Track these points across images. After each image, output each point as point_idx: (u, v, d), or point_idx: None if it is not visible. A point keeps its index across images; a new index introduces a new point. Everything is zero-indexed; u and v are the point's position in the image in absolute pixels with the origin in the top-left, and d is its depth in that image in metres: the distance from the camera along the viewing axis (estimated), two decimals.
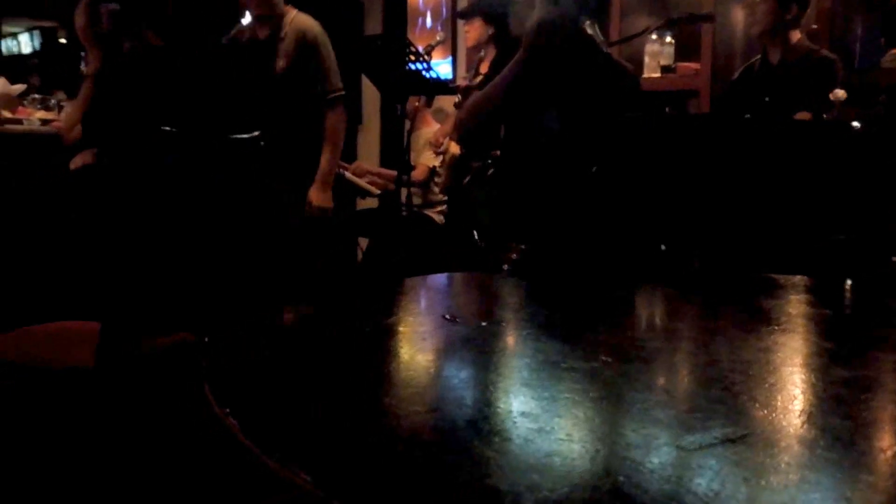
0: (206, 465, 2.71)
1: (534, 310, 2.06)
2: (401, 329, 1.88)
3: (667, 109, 4.56)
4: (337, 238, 5.40)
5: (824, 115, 3.85)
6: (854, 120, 3.58)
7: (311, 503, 0.99)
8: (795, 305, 2.27)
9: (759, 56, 4.25)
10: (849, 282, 2.58)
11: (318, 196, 4.71)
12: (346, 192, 5.39)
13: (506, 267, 3.16)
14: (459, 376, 1.52)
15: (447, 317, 1.92)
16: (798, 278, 2.43)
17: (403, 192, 4.87)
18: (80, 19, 3.37)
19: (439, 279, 2.64)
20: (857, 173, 3.45)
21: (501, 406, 1.33)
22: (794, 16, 4.04)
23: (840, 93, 3.61)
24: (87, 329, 3.10)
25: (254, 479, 1.05)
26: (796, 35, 4.05)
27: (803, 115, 3.83)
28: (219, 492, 2.62)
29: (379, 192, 5.54)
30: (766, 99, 4.06)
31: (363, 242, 5.74)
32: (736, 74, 4.46)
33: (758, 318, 2.02)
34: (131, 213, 3.05)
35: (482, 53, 5.31)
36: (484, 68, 5.15)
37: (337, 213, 5.10)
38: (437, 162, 5.47)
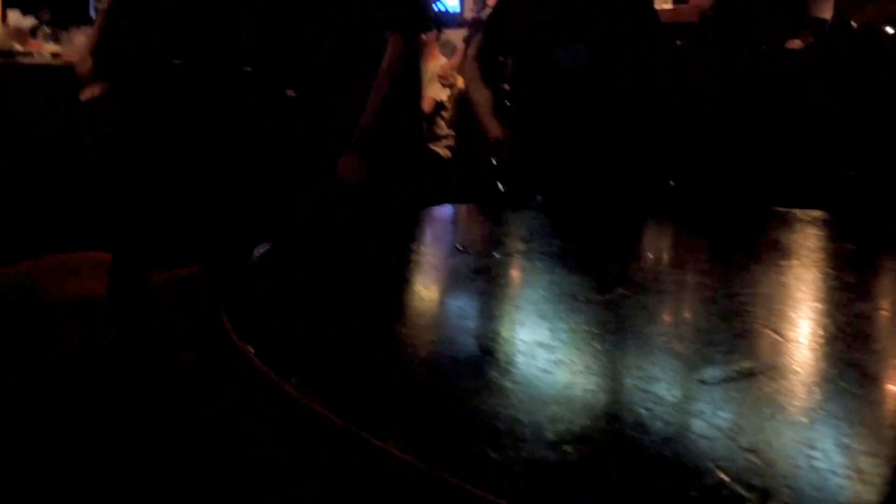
0: (222, 393, 2.72)
1: (548, 242, 2.03)
2: (417, 260, 1.86)
3: (678, 42, 4.45)
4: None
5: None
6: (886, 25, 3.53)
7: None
8: (814, 239, 2.23)
9: None
10: (869, 215, 2.54)
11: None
12: None
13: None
14: (475, 308, 1.50)
15: (460, 247, 1.90)
16: (816, 212, 2.39)
17: None
18: None
19: (451, 210, 2.62)
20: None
21: (518, 338, 1.31)
22: None
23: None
24: (99, 259, 3.10)
25: (271, 406, 1.05)
26: None
27: (794, 44, 3.77)
28: (234, 420, 2.63)
29: None
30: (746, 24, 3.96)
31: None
32: (706, 6, 4.34)
33: (776, 252, 1.99)
34: (140, 145, 3.03)
35: None
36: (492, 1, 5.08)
37: None
38: (444, 96, 5.40)
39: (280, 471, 1.33)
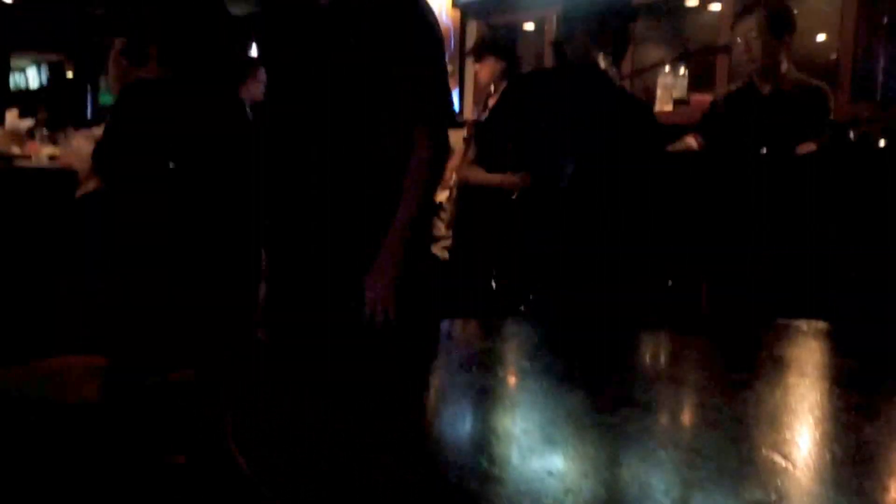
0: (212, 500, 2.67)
1: (552, 358, 2.00)
2: (422, 378, 1.83)
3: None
4: None
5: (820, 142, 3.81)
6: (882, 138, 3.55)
7: None
8: (818, 354, 2.22)
9: (740, 84, 4.19)
10: (870, 326, 2.51)
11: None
12: None
13: (522, 308, 3.10)
14: (484, 431, 1.47)
15: (465, 365, 1.87)
16: (818, 324, 2.37)
17: None
18: (113, 69, 3.35)
19: (456, 325, 2.59)
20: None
21: (529, 465, 1.28)
22: (787, 45, 4.00)
23: None
24: (93, 364, 3.07)
25: None
26: (786, 63, 4.00)
27: (806, 147, 3.78)
28: None
29: None
30: (758, 127, 3.99)
31: None
32: (718, 101, 4.38)
33: (781, 369, 1.96)
34: (139, 245, 3.02)
35: (492, 90, 5.27)
36: (493, 103, 5.12)
37: None
38: (443, 197, 5.41)
39: None
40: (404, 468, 1.28)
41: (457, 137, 5.40)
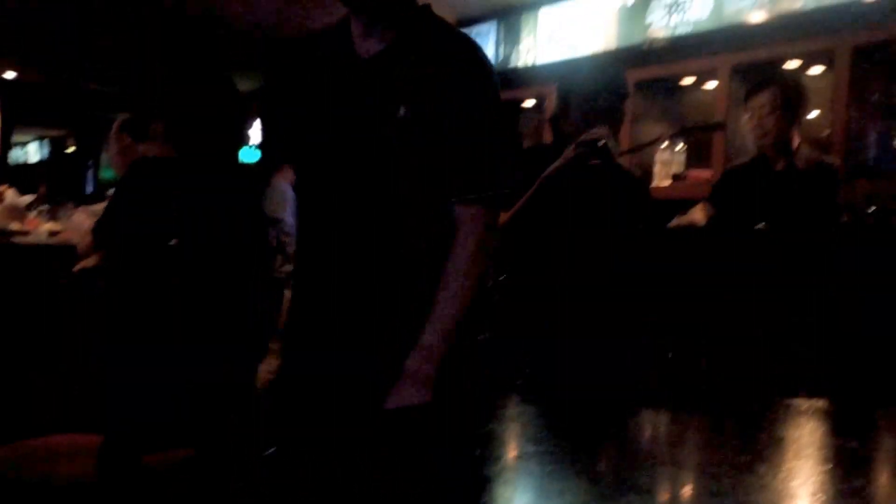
0: None
1: (555, 441, 1.98)
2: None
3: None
4: None
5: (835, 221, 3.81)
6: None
7: None
8: (819, 434, 2.20)
9: (750, 159, 4.20)
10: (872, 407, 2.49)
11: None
12: None
13: (519, 382, 3.09)
14: None
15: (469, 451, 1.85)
16: (817, 402, 2.36)
17: None
18: (115, 144, 3.34)
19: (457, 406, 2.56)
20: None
21: None
22: (799, 122, 4.01)
23: None
24: (88, 442, 3.03)
25: None
26: (797, 139, 4.02)
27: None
28: None
29: None
30: (770, 203, 4.00)
31: None
32: (729, 174, 4.39)
33: (783, 451, 1.95)
34: (137, 321, 3.00)
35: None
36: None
37: None
38: None
39: None
40: None
41: None
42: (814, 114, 5.40)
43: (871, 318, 3.35)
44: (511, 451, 1.93)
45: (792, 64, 5.31)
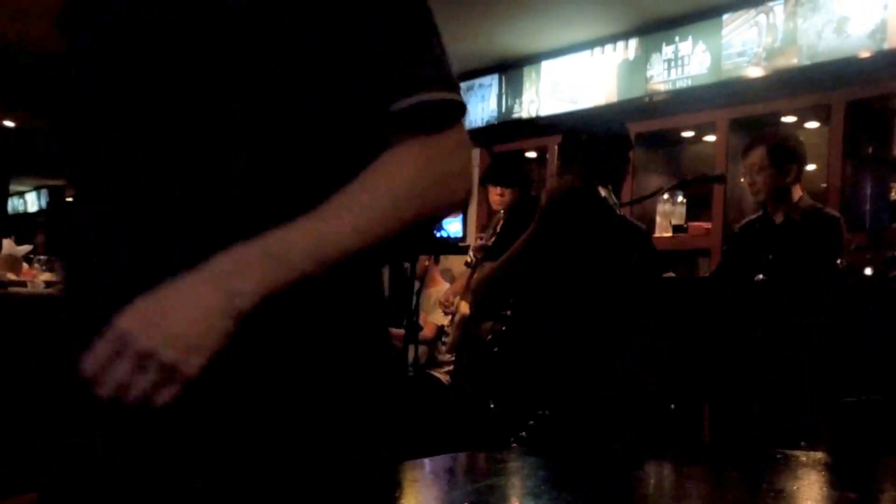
0: None
1: (556, 495, 1.98)
2: None
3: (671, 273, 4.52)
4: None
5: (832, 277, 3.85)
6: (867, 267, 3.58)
7: None
8: (817, 487, 2.20)
9: (759, 213, 4.26)
10: (870, 457, 2.50)
11: None
12: None
13: (522, 434, 3.08)
14: None
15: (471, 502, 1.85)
16: (817, 455, 2.36)
17: (411, 351, 4.81)
18: None
19: (460, 460, 2.57)
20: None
21: None
22: (794, 176, 4.06)
23: None
24: None
25: None
26: (798, 192, 4.07)
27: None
28: None
29: None
30: (770, 257, 4.05)
31: None
32: (736, 229, 4.45)
33: (784, 502, 1.95)
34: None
35: (501, 213, 5.37)
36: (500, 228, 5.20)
37: None
38: (445, 321, 5.43)
39: None
40: None
41: (457, 262, 5.45)
42: (810, 167, 5.46)
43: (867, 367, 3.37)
44: None
45: (788, 118, 5.38)
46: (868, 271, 3.92)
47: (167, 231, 1.14)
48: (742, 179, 4.22)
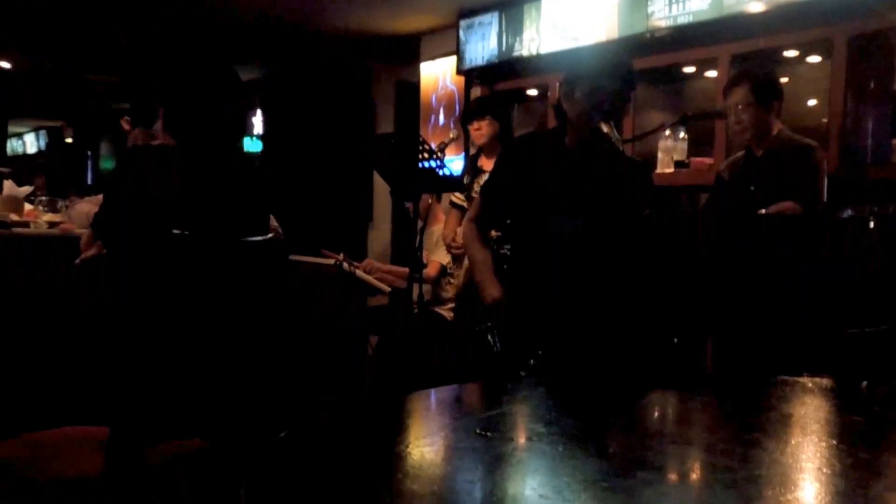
0: None
1: (564, 422, 2.01)
2: (435, 446, 1.83)
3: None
4: (347, 336, 5.35)
5: (814, 205, 3.87)
6: (870, 217, 3.59)
7: None
8: (825, 411, 2.24)
9: (743, 152, 4.30)
10: (869, 382, 2.53)
11: None
12: (356, 289, 5.36)
13: (523, 374, 3.11)
14: (502, 497, 1.47)
15: (480, 432, 1.88)
16: (822, 381, 2.39)
17: (415, 289, 4.83)
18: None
19: (468, 389, 2.60)
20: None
21: None
22: (777, 112, 4.11)
23: None
24: (95, 435, 3.02)
25: None
26: (777, 126, 4.12)
27: (786, 205, 3.84)
28: None
29: (389, 289, 5.52)
30: (752, 188, 4.08)
31: (374, 339, 5.70)
32: (722, 168, 4.49)
33: (791, 427, 1.98)
34: (141, 314, 3.00)
35: (474, 151, 5.42)
36: (483, 164, 5.21)
37: (347, 310, 5.06)
38: (447, 259, 5.46)
39: None
40: None
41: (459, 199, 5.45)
42: (811, 102, 5.45)
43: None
44: (522, 432, 1.96)
45: (790, 53, 5.35)
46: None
47: None
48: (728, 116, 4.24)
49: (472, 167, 5.35)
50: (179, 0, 7.70)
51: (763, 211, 3.82)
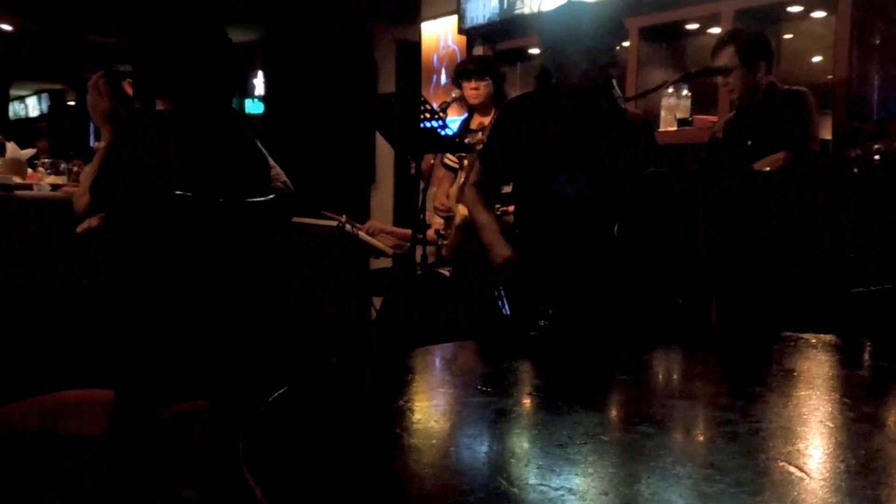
0: None
1: (567, 379, 2.01)
2: (436, 401, 1.83)
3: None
4: (350, 297, 5.35)
5: (806, 149, 3.88)
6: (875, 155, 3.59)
7: None
8: (828, 366, 2.24)
9: (733, 112, 4.32)
10: (873, 339, 2.54)
11: None
12: (359, 250, 5.35)
13: (541, 322, 3.11)
14: (502, 452, 1.48)
15: (481, 387, 1.88)
16: (826, 337, 2.39)
17: (418, 250, 4.82)
18: (92, 96, 3.27)
19: (469, 347, 2.60)
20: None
21: (548, 484, 1.28)
22: (763, 72, 4.12)
23: None
24: (100, 397, 3.03)
25: None
26: (767, 81, 4.13)
27: (779, 156, 3.84)
28: None
29: (392, 250, 5.51)
30: (749, 143, 4.08)
31: (377, 301, 5.70)
32: (715, 128, 4.49)
33: (793, 382, 1.98)
34: (144, 276, 3.00)
35: (467, 113, 5.40)
36: (475, 125, 5.19)
37: (350, 271, 5.06)
38: (439, 223, 5.44)
39: None
40: (422, 491, 1.29)
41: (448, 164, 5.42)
42: (817, 59, 5.41)
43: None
44: (523, 388, 1.96)
45: (794, 8, 5.30)
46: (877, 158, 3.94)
47: None
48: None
49: (464, 127, 5.34)
50: None
51: (756, 166, 3.83)
